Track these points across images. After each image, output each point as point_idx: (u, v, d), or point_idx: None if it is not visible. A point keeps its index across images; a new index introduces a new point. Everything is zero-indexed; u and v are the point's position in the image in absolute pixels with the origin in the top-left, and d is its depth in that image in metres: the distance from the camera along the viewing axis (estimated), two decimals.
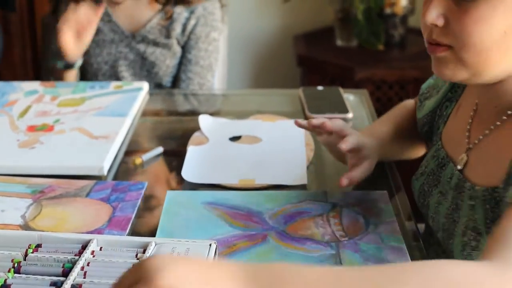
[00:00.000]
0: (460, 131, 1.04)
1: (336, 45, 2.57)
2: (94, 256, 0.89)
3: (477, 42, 0.88)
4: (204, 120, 1.40)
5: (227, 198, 1.13)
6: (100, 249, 0.91)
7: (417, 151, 1.27)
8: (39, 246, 0.91)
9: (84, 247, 0.90)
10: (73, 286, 0.83)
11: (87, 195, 1.14)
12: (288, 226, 1.05)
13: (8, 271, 0.85)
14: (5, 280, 0.83)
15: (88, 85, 1.59)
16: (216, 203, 1.11)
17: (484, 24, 0.87)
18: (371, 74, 2.38)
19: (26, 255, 0.89)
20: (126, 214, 1.08)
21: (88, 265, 0.86)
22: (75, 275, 0.84)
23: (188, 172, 1.21)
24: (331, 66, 2.44)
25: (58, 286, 0.83)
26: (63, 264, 0.86)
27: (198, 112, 1.51)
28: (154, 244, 0.90)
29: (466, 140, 1.01)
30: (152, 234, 1.03)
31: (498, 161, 0.91)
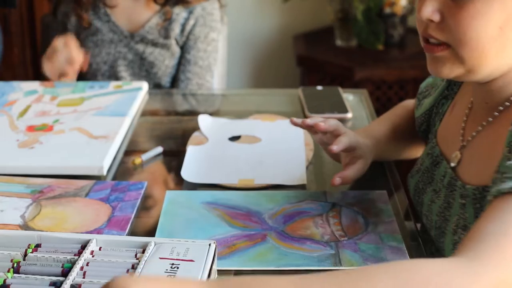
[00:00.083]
0: (455, 129, 1.04)
1: (336, 45, 2.57)
2: (93, 256, 0.89)
3: (473, 37, 0.88)
4: (204, 120, 1.40)
5: (226, 198, 1.13)
6: (100, 249, 0.91)
7: (415, 151, 1.27)
8: (38, 246, 0.91)
9: (84, 247, 0.90)
10: (72, 286, 0.83)
11: (87, 195, 1.14)
12: (288, 226, 1.05)
13: (8, 271, 0.85)
14: (4, 280, 0.83)
15: (87, 85, 1.58)
16: (215, 203, 1.11)
17: (480, 20, 0.87)
18: (370, 74, 2.38)
19: (25, 255, 0.89)
20: (125, 214, 1.08)
21: (87, 265, 0.86)
22: (75, 275, 0.84)
23: (188, 172, 1.21)
24: (330, 66, 2.44)
25: (57, 286, 0.83)
26: (63, 264, 0.86)
27: (197, 112, 1.51)
28: (153, 244, 0.90)
29: (460, 137, 1.01)
30: (152, 234, 1.03)
31: (490, 159, 0.91)
